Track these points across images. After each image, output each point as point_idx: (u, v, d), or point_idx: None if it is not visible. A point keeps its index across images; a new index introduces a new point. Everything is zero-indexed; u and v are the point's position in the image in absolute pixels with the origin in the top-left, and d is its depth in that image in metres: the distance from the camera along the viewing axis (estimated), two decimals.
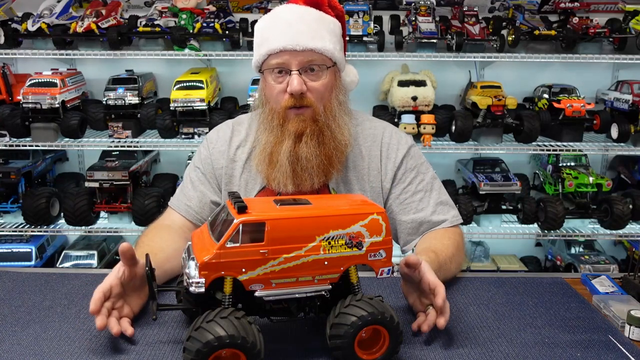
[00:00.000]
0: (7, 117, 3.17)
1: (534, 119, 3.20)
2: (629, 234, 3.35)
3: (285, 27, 1.57)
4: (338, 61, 1.65)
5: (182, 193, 1.80)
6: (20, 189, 3.32)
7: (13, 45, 3.29)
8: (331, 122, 1.64)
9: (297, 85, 1.56)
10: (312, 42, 1.56)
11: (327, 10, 1.64)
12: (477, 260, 3.58)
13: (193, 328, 1.03)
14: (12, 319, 1.33)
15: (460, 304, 1.45)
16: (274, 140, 1.63)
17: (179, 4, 3.29)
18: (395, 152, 1.76)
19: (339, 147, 1.65)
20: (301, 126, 1.61)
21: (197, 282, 1.07)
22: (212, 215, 1.20)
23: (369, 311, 1.09)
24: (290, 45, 1.55)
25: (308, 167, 1.61)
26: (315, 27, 1.58)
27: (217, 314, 1.04)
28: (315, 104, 1.61)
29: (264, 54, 1.60)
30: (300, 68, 1.58)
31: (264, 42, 1.61)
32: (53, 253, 3.52)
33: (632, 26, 3.27)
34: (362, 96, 3.54)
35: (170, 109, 3.19)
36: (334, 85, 1.66)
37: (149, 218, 3.17)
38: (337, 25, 1.65)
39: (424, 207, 1.73)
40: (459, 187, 3.55)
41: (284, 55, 1.57)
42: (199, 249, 1.11)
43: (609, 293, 1.50)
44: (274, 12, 1.63)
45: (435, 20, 3.34)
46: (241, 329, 1.02)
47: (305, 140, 1.61)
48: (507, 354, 1.21)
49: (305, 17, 1.58)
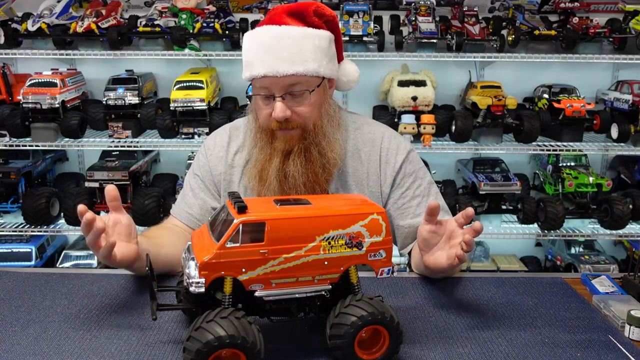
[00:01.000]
0: (7, 117, 3.17)
1: (534, 119, 3.20)
2: (629, 234, 3.35)
3: (265, 53, 1.54)
4: (326, 74, 1.61)
5: (183, 201, 1.81)
6: (20, 189, 3.32)
7: (13, 45, 3.29)
8: (321, 139, 1.64)
9: (279, 112, 1.55)
10: (293, 68, 1.52)
11: (312, 21, 1.58)
12: (477, 260, 3.58)
13: (193, 328, 1.03)
14: (12, 319, 1.33)
15: (460, 304, 1.45)
16: (263, 158, 1.65)
17: (179, 4, 3.29)
18: (395, 157, 1.77)
19: (326, 166, 1.65)
20: (289, 145, 1.62)
21: (197, 282, 1.07)
22: (212, 216, 1.21)
23: (369, 311, 1.09)
24: (270, 73, 1.53)
25: (295, 185, 1.62)
26: (296, 50, 1.53)
27: (217, 314, 1.04)
28: (303, 124, 1.62)
29: (248, 77, 1.60)
30: (284, 93, 1.56)
31: (247, 65, 1.59)
32: (53, 253, 3.52)
33: (632, 26, 3.27)
34: (362, 96, 3.54)
35: (170, 109, 3.19)
36: (322, 102, 1.64)
37: (149, 218, 3.17)
38: (323, 37, 1.59)
39: (421, 212, 1.72)
40: (459, 187, 3.55)
41: (266, 81, 1.56)
42: (199, 249, 1.11)
43: (609, 293, 1.50)
44: (254, 34, 1.59)
45: (435, 20, 3.34)
46: (241, 329, 1.02)
47: (293, 158, 1.61)
48: (507, 354, 1.21)
49: (284, 40, 1.53)
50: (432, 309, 1.42)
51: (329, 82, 1.67)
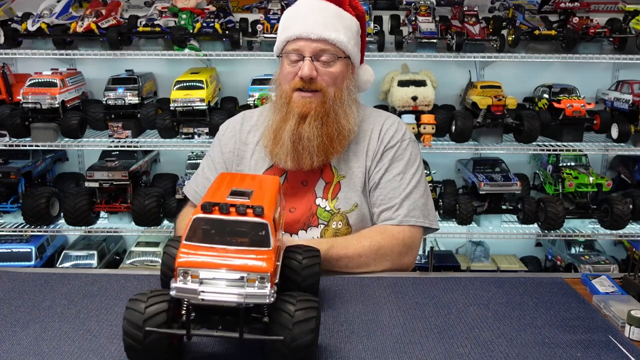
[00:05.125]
0: (7, 117, 3.17)
1: (534, 119, 3.20)
2: (629, 234, 3.35)
3: (304, 17, 1.72)
4: (352, 55, 1.76)
5: (194, 180, 1.97)
6: (20, 189, 3.32)
7: (13, 45, 3.29)
8: (338, 108, 1.75)
9: (307, 70, 1.69)
10: (326, 33, 1.69)
11: (347, 9, 1.76)
12: (477, 260, 3.58)
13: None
14: (12, 319, 1.33)
15: (460, 304, 1.45)
16: (280, 119, 1.76)
17: (179, 4, 3.28)
18: (390, 137, 1.84)
19: (342, 131, 1.76)
20: (306, 108, 1.73)
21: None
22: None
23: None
24: (305, 34, 1.69)
25: (309, 146, 1.72)
26: (331, 21, 1.71)
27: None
28: (325, 89, 1.73)
29: (282, 40, 1.75)
30: (313, 55, 1.70)
31: (284, 30, 1.76)
32: (53, 253, 3.52)
33: (632, 26, 3.27)
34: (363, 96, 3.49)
35: (170, 109, 3.19)
36: (345, 75, 1.77)
37: (148, 218, 3.17)
38: (354, 22, 1.77)
39: (383, 200, 1.79)
40: (459, 187, 3.55)
41: (299, 42, 1.71)
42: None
43: (609, 293, 1.50)
44: (298, 3, 1.78)
45: (435, 20, 3.34)
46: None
47: (309, 121, 1.72)
48: (507, 354, 1.21)
49: (323, 10, 1.72)
50: (432, 309, 1.41)
51: (352, 66, 1.80)
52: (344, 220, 1.80)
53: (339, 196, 1.80)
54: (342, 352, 1.20)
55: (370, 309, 1.41)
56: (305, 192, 1.82)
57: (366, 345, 1.23)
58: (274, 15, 3.28)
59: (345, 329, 1.30)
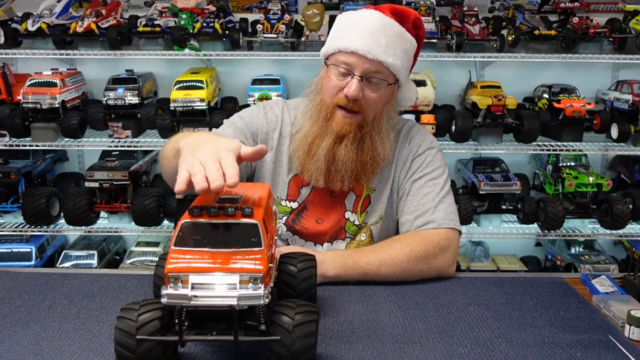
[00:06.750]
0: (7, 117, 3.16)
1: (534, 119, 3.20)
2: (629, 234, 3.35)
3: (366, 32, 1.59)
4: (401, 79, 1.68)
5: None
6: (20, 189, 3.32)
7: (13, 45, 3.28)
8: (375, 134, 1.68)
9: (354, 90, 1.59)
10: (384, 56, 1.59)
11: (408, 28, 1.66)
12: (477, 260, 3.58)
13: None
14: (12, 319, 1.33)
15: (460, 304, 1.45)
16: (317, 132, 1.67)
17: (179, 4, 3.28)
18: (419, 145, 1.80)
19: (376, 158, 1.69)
20: (345, 129, 1.64)
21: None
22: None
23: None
24: (362, 51, 1.58)
25: (342, 169, 1.66)
26: (393, 43, 1.60)
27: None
28: (366, 112, 1.65)
29: (336, 48, 1.63)
30: (363, 75, 1.60)
31: (340, 37, 1.63)
32: (53, 253, 3.52)
33: (632, 26, 3.27)
34: None
35: (170, 109, 3.19)
36: (389, 101, 1.69)
37: (148, 218, 3.17)
38: (413, 45, 1.68)
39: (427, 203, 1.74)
40: (459, 187, 3.55)
41: (352, 58, 1.60)
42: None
43: (609, 293, 1.50)
44: (360, 13, 1.65)
45: (435, 20, 3.34)
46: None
47: (346, 143, 1.65)
48: (507, 354, 1.21)
49: (387, 30, 1.61)
50: (432, 309, 1.42)
51: (398, 89, 1.72)
52: (368, 232, 1.78)
53: (368, 210, 1.77)
54: (342, 352, 1.20)
55: (370, 309, 1.41)
56: (334, 204, 1.77)
57: (366, 345, 1.23)
58: (274, 15, 3.28)
59: (345, 329, 1.30)
